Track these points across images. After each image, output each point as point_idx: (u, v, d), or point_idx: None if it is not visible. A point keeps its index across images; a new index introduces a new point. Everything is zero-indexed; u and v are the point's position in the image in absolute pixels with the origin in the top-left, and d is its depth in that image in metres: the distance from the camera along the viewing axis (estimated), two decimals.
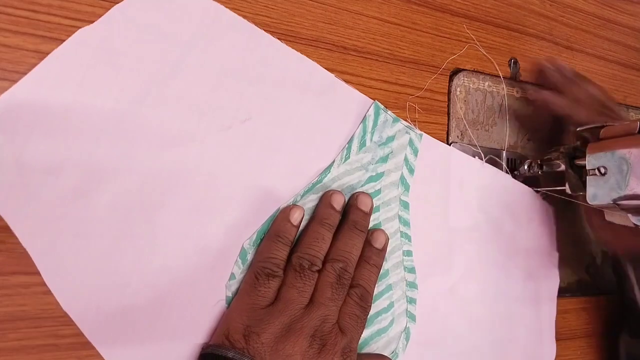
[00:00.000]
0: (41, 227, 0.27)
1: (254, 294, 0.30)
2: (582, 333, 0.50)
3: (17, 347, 0.27)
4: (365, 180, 0.37)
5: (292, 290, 0.30)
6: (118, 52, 0.30)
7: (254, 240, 0.33)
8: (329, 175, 0.36)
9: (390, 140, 0.38)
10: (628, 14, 0.58)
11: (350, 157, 0.37)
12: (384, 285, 0.37)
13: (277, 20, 0.36)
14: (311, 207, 0.35)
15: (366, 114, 0.37)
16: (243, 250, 0.32)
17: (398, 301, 0.38)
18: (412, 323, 0.38)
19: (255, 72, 0.34)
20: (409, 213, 0.39)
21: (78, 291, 0.28)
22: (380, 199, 0.38)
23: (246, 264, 0.32)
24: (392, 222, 0.38)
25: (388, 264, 0.38)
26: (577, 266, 0.50)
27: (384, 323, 0.37)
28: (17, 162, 0.27)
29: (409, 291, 0.38)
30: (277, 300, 0.30)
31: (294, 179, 0.35)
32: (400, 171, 0.39)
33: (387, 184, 0.38)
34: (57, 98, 0.28)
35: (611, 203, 0.36)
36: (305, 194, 0.35)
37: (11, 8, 0.28)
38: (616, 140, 0.36)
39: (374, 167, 0.37)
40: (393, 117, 0.39)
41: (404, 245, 0.38)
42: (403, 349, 0.37)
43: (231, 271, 0.32)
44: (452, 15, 0.45)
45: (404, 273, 0.38)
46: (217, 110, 0.32)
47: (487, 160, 0.44)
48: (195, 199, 0.31)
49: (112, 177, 0.29)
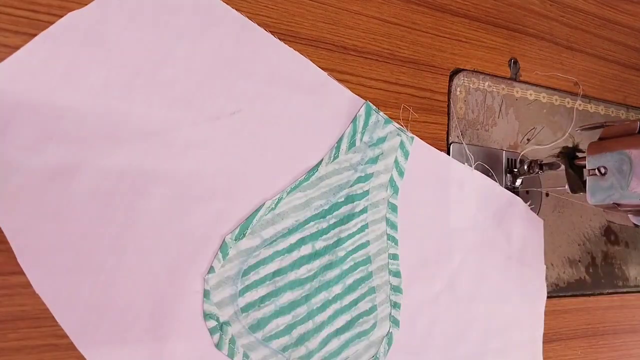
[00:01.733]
0: (17, 207, 0.27)
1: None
2: (582, 333, 0.50)
3: (17, 347, 0.27)
4: (354, 180, 0.37)
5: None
6: (107, 38, 0.29)
7: (236, 235, 0.32)
8: (317, 174, 0.35)
9: (381, 141, 0.38)
10: (628, 14, 0.58)
11: (339, 156, 0.36)
12: (367, 287, 0.37)
13: (277, 20, 0.36)
14: (296, 205, 0.35)
15: (357, 114, 0.37)
16: (224, 244, 0.32)
17: (381, 305, 0.37)
18: (395, 328, 0.38)
19: (246, 65, 0.33)
20: (397, 216, 0.38)
21: (52, 274, 0.27)
22: (368, 200, 0.37)
23: (227, 258, 0.32)
24: (379, 224, 0.38)
25: (372, 266, 0.37)
26: (577, 266, 0.50)
27: (365, 326, 0.37)
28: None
29: (393, 295, 0.38)
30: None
31: (281, 175, 0.34)
32: (390, 173, 0.38)
33: (376, 185, 0.38)
34: (42, 81, 0.28)
35: (611, 203, 0.36)
36: (291, 191, 0.35)
37: (11, 8, 0.28)
38: (616, 140, 0.36)
39: (363, 168, 0.37)
40: (385, 119, 0.38)
41: (390, 249, 0.38)
42: (384, 354, 0.37)
43: (211, 264, 0.32)
44: (452, 15, 0.45)
45: (389, 277, 0.38)
46: (205, 101, 0.32)
47: (477, 167, 0.43)
48: (179, 187, 0.31)
49: (95, 162, 0.29)
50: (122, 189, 0.29)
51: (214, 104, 0.32)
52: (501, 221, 0.44)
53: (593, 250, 0.52)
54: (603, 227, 0.53)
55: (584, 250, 0.51)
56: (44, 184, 0.28)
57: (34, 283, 0.27)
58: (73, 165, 0.28)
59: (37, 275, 0.27)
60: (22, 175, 0.27)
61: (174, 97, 0.31)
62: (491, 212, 0.43)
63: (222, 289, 0.32)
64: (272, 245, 0.34)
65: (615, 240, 0.53)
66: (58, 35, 0.28)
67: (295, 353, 0.34)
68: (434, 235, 0.40)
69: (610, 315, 0.52)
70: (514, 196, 0.45)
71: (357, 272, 0.37)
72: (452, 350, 0.40)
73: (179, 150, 0.31)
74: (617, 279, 0.53)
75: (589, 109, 0.53)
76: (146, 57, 0.30)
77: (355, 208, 0.37)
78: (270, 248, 0.34)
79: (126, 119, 0.30)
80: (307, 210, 0.35)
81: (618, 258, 0.53)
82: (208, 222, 0.32)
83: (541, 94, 0.50)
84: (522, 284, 0.45)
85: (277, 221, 0.34)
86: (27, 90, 0.27)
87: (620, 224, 0.49)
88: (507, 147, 0.47)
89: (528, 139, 0.48)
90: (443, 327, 0.40)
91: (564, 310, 0.49)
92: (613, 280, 0.52)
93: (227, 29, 0.33)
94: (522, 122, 0.48)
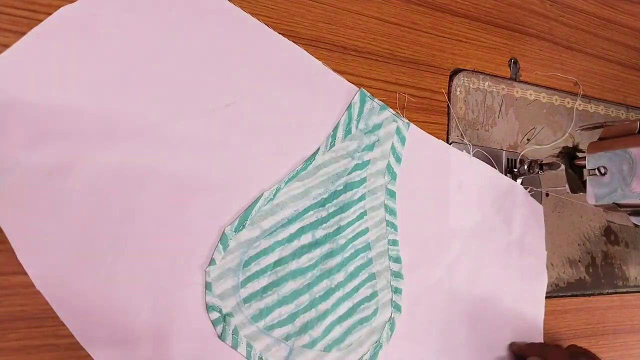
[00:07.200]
0: (17, 204, 0.27)
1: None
2: (582, 333, 0.50)
3: (17, 347, 0.27)
4: (351, 168, 0.37)
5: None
6: (99, 32, 0.29)
7: (235, 226, 0.33)
8: (314, 163, 0.36)
9: (376, 128, 0.38)
10: (628, 14, 0.58)
11: (335, 144, 0.36)
12: (367, 273, 0.37)
13: (277, 20, 0.36)
14: (295, 195, 0.35)
15: (351, 102, 0.37)
16: (224, 235, 0.32)
17: (382, 290, 0.37)
18: (397, 313, 0.38)
19: (240, 56, 0.33)
20: (395, 202, 0.38)
21: (52, 269, 0.27)
22: (366, 187, 0.37)
23: (227, 250, 0.32)
24: (378, 211, 0.38)
25: (372, 253, 0.37)
26: (577, 266, 0.50)
27: (367, 312, 0.37)
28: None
29: (394, 281, 0.38)
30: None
31: (278, 166, 0.34)
32: (387, 159, 0.38)
33: (373, 172, 0.38)
34: (36, 78, 0.28)
35: (611, 203, 0.36)
36: (289, 180, 0.35)
37: (11, 8, 0.28)
38: (616, 140, 0.36)
39: (360, 155, 0.37)
40: (380, 105, 0.38)
41: (390, 234, 0.38)
42: (387, 340, 0.37)
43: (212, 256, 0.32)
44: (452, 15, 0.45)
45: (389, 262, 0.38)
46: (200, 93, 0.32)
47: (475, 154, 0.43)
48: (176, 180, 0.31)
49: (91, 158, 0.29)
50: (119, 184, 0.29)
51: (208, 97, 0.32)
52: (501, 207, 0.44)
53: (593, 250, 0.52)
54: (603, 227, 0.53)
55: (584, 250, 0.51)
56: (42, 181, 0.28)
57: (35, 280, 0.27)
58: (69, 161, 0.28)
59: (38, 272, 0.27)
60: (19, 173, 0.27)
61: (168, 91, 0.31)
62: (491, 198, 0.43)
63: (224, 280, 0.32)
64: (272, 235, 0.34)
65: (615, 240, 0.53)
66: (50, 31, 0.28)
67: (299, 341, 0.34)
68: (433, 221, 0.40)
69: (610, 315, 0.52)
70: (514, 182, 0.45)
71: (357, 259, 0.37)
72: (452, 336, 0.40)
73: (174, 143, 0.31)
74: (617, 279, 0.53)
75: (589, 109, 0.53)
76: (139, 51, 0.30)
77: (354, 195, 0.37)
78: (270, 238, 0.34)
79: (121, 114, 0.30)
80: (306, 200, 0.35)
81: (618, 258, 0.53)
82: (206, 214, 0.32)
83: (541, 94, 0.50)
84: (521, 270, 0.45)
85: (276, 211, 0.34)
86: (20, 87, 0.27)
87: (620, 224, 0.49)
88: (507, 147, 0.47)
89: (528, 139, 0.48)
90: (443, 314, 0.40)
91: (564, 310, 0.49)
92: (613, 280, 0.52)
93: (220, 21, 0.33)
94: (522, 122, 0.48)
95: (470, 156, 0.43)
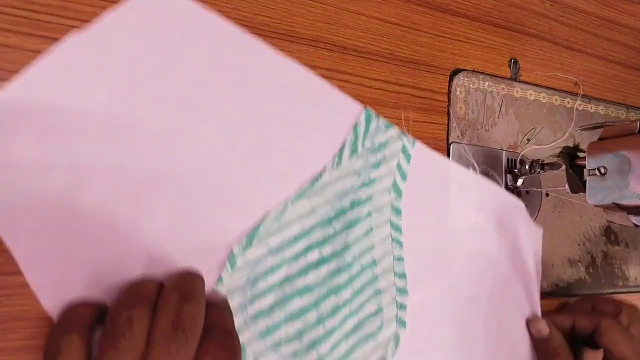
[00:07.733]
0: (25, 225, 0.27)
1: None
2: None
3: (17, 347, 0.27)
4: (357, 186, 0.37)
5: None
6: (109, 55, 0.29)
7: (243, 245, 0.33)
8: (320, 181, 0.36)
9: (382, 146, 0.38)
10: (628, 14, 0.58)
11: (342, 163, 0.37)
12: (373, 290, 0.37)
13: (277, 20, 0.36)
14: (301, 213, 0.35)
15: (357, 121, 0.37)
16: (232, 254, 0.32)
17: (388, 306, 0.38)
18: (402, 329, 0.38)
19: (246, 77, 0.34)
20: (401, 219, 0.39)
21: (59, 289, 0.27)
22: (372, 205, 0.38)
23: (235, 268, 0.32)
24: (383, 228, 0.38)
25: (378, 269, 0.38)
26: (577, 266, 0.50)
27: (372, 328, 0.37)
28: (4, 162, 0.26)
29: (399, 297, 0.38)
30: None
31: (285, 185, 0.35)
32: (393, 177, 0.39)
33: (379, 189, 0.38)
34: (47, 98, 0.28)
35: (611, 203, 0.36)
36: (296, 199, 0.35)
37: (11, 8, 0.28)
38: (616, 140, 0.36)
39: (366, 173, 0.37)
40: (385, 124, 0.39)
41: (395, 251, 0.38)
42: (392, 355, 0.37)
43: (220, 275, 0.32)
44: (452, 15, 0.45)
45: (395, 278, 0.38)
46: (207, 113, 0.32)
47: (481, 171, 0.43)
48: (183, 200, 0.31)
49: (99, 177, 0.29)
50: (125, 204, 0.30)
51: (216, 116, 0.32)
52: (502, 226, 0.44)
53: (593, 250, 0.52)
54: (603, 227, 0.53)
55: (584, 250, 0.51)
56: (52, 201, 0.28)
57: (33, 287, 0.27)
58: (79, 182, 0.28)
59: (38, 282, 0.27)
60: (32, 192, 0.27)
61: (175, 111, 0.31)
62: (494, 216, 0.43)
63: (231, 298, 0.32)
64: (279, 253, 0.34)
65: (615, 240, 0.53)
66: (62, 55, 0.28)
67: (306, 358, 0.34)
68: (436, 238, 0.41)
69: None
70: (519, 201, 0.45)
71: (363, 275, 0.37)
72: (455, 351, 0.40)
73: (180, 162, 0.31)
74: (617, 279, 0.53)
75: (589, 109, 0.53)
76: (148, 73, 0.31)
77: (360, 212, 0.37)
78: (277, 256, 0.34)
79: (129, 136, 0.30)
80: (313, 217, 0.35)
81: (618, 258, 0.53)
82: (213, 233, 0.32)
83: (541, 94, 0.50)
84: (516, 289, 0.45)
85: (283, 229, 0.34)
86: (33, 108, 0.27)
87: (620, 224, 0.49)
88: (507, 147, 0.47)
89: (528, 139, 0.48)
90: (446, 328, 0.40)
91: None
92: (613, 280, 0.52)
93: (227, 43, 0.33)
94: (522, 122, 0.48)
95: (477, 173, 0.43)
